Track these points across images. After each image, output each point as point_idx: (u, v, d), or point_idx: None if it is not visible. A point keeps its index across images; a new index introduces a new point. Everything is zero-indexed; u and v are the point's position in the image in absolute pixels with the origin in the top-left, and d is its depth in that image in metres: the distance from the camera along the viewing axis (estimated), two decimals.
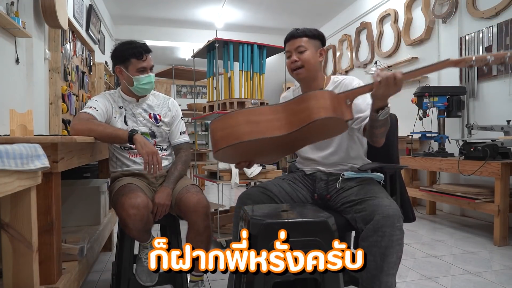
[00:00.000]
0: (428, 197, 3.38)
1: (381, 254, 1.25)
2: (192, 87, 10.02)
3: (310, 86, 1.62)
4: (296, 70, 1.56)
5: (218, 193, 2.83)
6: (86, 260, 1.68)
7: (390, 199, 1.34)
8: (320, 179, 1.59)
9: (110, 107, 1.78)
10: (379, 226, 1.24)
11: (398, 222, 1.25)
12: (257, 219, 1.16)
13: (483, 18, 3.35)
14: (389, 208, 1.26)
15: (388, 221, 1.24)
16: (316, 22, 6.38)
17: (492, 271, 2.13)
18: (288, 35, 1.59)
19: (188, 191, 1.67)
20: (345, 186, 1.50)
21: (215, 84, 2.95)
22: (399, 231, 1.25)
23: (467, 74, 3.53)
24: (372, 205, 1.30)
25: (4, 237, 1.04)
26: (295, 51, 1.56)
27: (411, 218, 1.64)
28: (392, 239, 1.23)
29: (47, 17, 2.86)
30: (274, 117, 1.16)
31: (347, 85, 1.55)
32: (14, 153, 0.90)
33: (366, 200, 1.34)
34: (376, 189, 1.41)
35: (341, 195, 1.49)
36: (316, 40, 1.59)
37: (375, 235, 1.24)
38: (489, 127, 2.88)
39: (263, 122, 1.15)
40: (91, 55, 4.80)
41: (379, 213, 1.25)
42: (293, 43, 1.56)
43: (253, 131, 1.14)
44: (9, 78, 2.55)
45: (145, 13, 6.00)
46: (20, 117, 1.38)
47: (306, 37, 1.56)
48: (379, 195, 1.35)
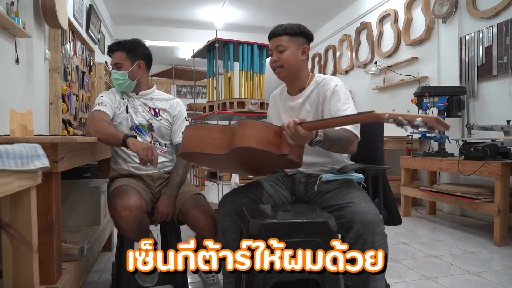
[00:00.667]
0: (428, 197, 3.38)
1: None
2: (192, 87, 10.02)
3: (293, 84, 1.60)
4: (276, 69, 1.55)
5: (218, 193, 2.83)
6: (86, 260, 1.68)
7: (368, 203, 1.30)
8: (299, 181, 1.56)
9: (114, 98, 1.86)
10: (359, 234, 1.22)
11: (378, 228, 1.23)
12: (257, 219, 1.16)
13: (483, 18, 3.35)
14: (367, 214, 1.23)
15: (367, 228, 1.21)
16: (316, 22, 6.39)
17: (492, 271, 2.13)
18: (270, 32, 1.56)
19: (194, 206, 1.68)
20: (323, 189, 1.47)
21: (215, 84, 2.95)
22: (381, 236, 1.23)
23: (467, 74, 3.53)
24: (350, 212, 1.27)
25: (4, 237, 1.04)
26: (276, 50, 1.53)
27: (397, 220, 1.61)
28: (374, 245, 1.21)
29: (47, 17, 2.86)
30: (219, 136, 1.23)
31: (325, 85, 1.52)
32: (14, 153, 0.90)
33: (344, 206, 1.31)
34: (354, 193, 1.36)
35: (320, 199, 1.46)
36: (299, 37, 1.53)
37: (357, 244, 1.22)
38: (489, 127, 2.88)
39: (208, 139, 1.23)
40: (91, 55, 4.80)
41: (357, 221, 1.22)
42: (274, 42, 1.54)
43: (198, 145, 1.24)
44: (9, 78, 2.55)
45: (145, 13, 6.00)
46: (20, 117, 1.38)
47: (287, 35, 1.52)
48: (357, 200, 1.31)
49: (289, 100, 1.64)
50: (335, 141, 1.28)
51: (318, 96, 1.53)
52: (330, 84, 1.51)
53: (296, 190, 1.57)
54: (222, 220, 1.47)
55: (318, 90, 1.54)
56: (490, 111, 3.31)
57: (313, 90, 1.55)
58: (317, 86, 1.55)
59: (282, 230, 1.14)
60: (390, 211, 1.62)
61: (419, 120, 0.98)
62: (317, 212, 1.28)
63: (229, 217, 1.45)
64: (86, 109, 4.50)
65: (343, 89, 1.50)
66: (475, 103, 3.47)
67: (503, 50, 3.14)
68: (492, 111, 3.29)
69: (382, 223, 1.26)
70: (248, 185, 1.58)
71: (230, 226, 1.45)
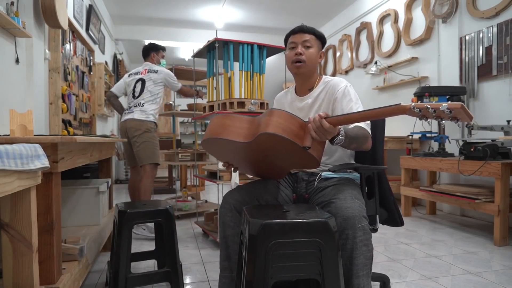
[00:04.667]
0: (428, 197, 3.38)
1: (348, 257, 1.24)
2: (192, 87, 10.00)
3: (305, 83, 1.64)
4: (298, 62, 1.57)
5: (218, 193, 2.83)
6: (86, 260, 1.68)
7: (353, 200, 1.31)
8: (301, 179, 1.59)
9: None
10: (341, 229, 1.24)
11: (359, 223, 1.23)
12: (256, 219, 1.16)
13: (483, 18, 3.35)
14: (349, 209, 1.25)
15: (349, 223, 1.23)
16: (316, 22, 6.38)
17: (492, 271, 2.13)
18: (296, 28, 1.61)
19: None
20: (322, 186, 1.51)
21: (215, 84, 2.95)
22: (363, 232, 1.24)
23: (467, 74, 3.53)
24: (334, 208, 1.29)
25: (4, 237, 1.04)
26: (302, 44, 1.58)
27: (398, 222, 1.62)
28: (356, 240, 1.22)
29: (47, 17, 2.86)
30: (243, 126, 1.27)
31: (334, 86, 1.57)
32: (14, 153, 0.90)
33: (331, 202, 1.33)
34: (346, 190, 1.38)
35: (317, 195, 1.49)
36: (320, 41, 1.62)
37: (341, 239, 1.23)
38: (489, 127, 2.88)
39: (232, 127, 1.27)
40: (91, 55, 4.80)
41: (339, 216, 1.25)
42: (301, 36, 1.58)
43: (222, 132, 1.28)
44: (9, 78, 2.54)
45: (145, 13, 6.00)
46: (20, 117, 1.38)
47: (314, 35, 1.60)
48: (343, 196, 1.33)
49: (297, 101, 1.67)
50: (354, 139, 1.32)
51: (327, 97, 1.58)
52: (340, 85, 1.56)
53: (297, 187, 1.59)
54: (223, 215, 1.48)
55: (326, 91, 1.59)
56: (490, 111, 3.31)
57: (322, 91, 1.61)
58: (326, 87, 1.60)
59: (282, 230, 1.14)
60: (390, 212, 1.62)
61: (444, 106, 1.00)
62: (317, 212, 1.28)
63: (230, 213, 1.47)
64: (86, 109, 4.50)
65: (352, 89, 1.57)
66: (475, 103, 3.47)
67: (503, 50, 3.14)
68: (492, 111, 3.29)
69: (364, 219, 1.26)
70: (252, 183, 1.60)
71: (230, 221, 1.46)
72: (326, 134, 1.17)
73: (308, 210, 1.31)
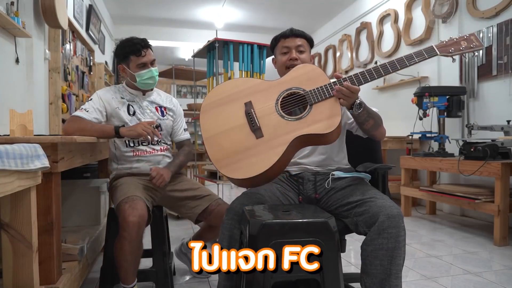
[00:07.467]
0: (428, 197, 3.38)
1: (388, 256, 1.20)
2: (192, 87, 10.01)
3: None
4: (291, 68, 1.53)
5: (218, 193, 2.84)
6: (86, 260, 1.68)
7: (390, 200, 1.31)
8: (307, 180, 1.52)
9: (111, 99, 1.79)
10: (384, 228, 1.20)
11: (402, 222, 1.23)
12: (256, 219, 1.16)
13: (483, 18, 3.35)
14: (393, 208, 1.23)
15: (393, 222, 1.20)
16: (316, 22, 6.39)
17: (492, 271, 2.13)
18: (287, 31, 1.59)
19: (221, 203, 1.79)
20: (337, 186, 1.46)
21: (215, 84, 2.95)
22: (404, 231, 1.23)
23: (467, 74, 3.53)
24: (375, 206, 1.25)
25: (4, 237, 1.04)
26: (295, 49, 1.56)
27: None
28: (399, 239, 1.20)
29: (47, 17, 2.86)
30: None
31: None
32: (14, 153, 0.90)
33: (366, 201, 1.30)
34: (373, 190, 1.38)
35: (332, 196, 1.44)
36: (310, 45, 1.62)
37: (380, 238, 1.20)
38: (489, 127, 2.88)
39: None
40: (91, 55, 4.80)
41: (383, 214, 1.21)
42: (294, 41, 1.56)
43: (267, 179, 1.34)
44: (9, 78, 2.54)
45: (145, 13, 6.00)
46: (20, 117, 1.38)
47: (305, 40, 1.59)
48: (379, 195, 1.32)
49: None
50: (371, 114, 1.36)
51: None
52: None
53: (304, 189, 1.52)
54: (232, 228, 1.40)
55: None
56: (490, 111, 3.31)
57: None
58: None
59: (282, 230, 1.14)
60: None
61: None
62: (318, 212, 1.28)
63: (239, 225, 1.40)
64: None
65: None
66: (475, 103, 3.47)
67: (503, 50, 3.14)
68: (492, 111, 3.29)
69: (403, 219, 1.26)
70: (257, 188, 1.52)
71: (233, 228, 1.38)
72: (352, 95, 1.26)
73: (309, 210, 1.31)
